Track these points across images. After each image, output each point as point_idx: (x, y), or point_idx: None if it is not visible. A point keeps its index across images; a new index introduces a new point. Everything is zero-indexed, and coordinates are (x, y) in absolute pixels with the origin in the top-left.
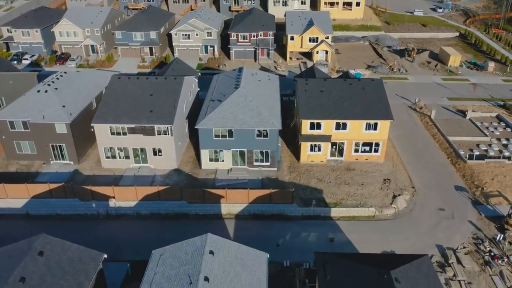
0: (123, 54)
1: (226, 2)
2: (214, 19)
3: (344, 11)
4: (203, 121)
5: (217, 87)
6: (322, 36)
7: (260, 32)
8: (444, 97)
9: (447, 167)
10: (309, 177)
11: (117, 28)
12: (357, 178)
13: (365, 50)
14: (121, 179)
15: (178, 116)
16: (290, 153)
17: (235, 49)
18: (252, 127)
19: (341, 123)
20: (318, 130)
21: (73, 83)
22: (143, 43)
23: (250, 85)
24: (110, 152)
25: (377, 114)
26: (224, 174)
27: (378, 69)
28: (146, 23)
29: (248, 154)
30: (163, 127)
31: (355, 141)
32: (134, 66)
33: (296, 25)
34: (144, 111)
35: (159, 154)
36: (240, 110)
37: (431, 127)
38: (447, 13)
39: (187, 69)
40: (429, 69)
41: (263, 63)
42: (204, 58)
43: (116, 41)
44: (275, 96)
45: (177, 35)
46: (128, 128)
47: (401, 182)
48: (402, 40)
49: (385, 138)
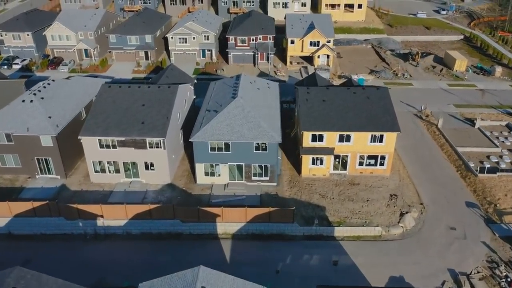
0: (118, 58)
1: (225, 4)
2: (212, 22)
3: (346, 13)
4: (198, 133)
5: (214, 95)
6: (323, 40)
7: (259, 35)
8: (450, 104)
9: (456, 181)
10: (311, 193)
11: (111, 31)
12: (362, 194)
13: (367, 53)
14: (110, 195)
15: (172, 127)
16: (291, 166)
17: (233, 53)
18: (250, 140)
19: (344, 135)
20: (320, 143)
21: (61, 92)
22: (138, 47)
23: (248, 94)
24: (99, 166)
25: (383, 125)
26: (220, 189)
27: (381, 74)
28: (141, 27)
29: (246, 168)
30: (156, 140)
31: (359, 154)
32: (129, 71)
33: (297, 29)
34: (135, 122)
35: (151, 169)
36: (237, 122)
37: (438, 137)
38: (450, 15)
39: (182, 76)
40: (434, 74)
41: (262, 67)
42: (202, 63)
43: (110, 45)
44: (275, 106)
45: (174, 38)
46: (118, 141)
47: (409, 198)
48: (405, 43)
49: (392, 151)
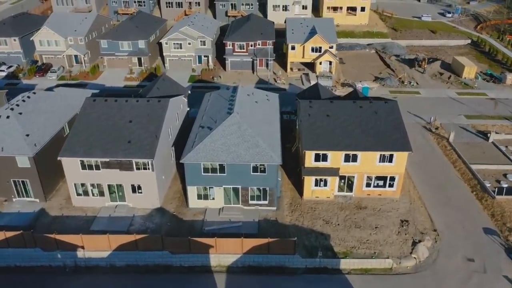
0: (110, 64)
1: (223, 7)
2: (209, 26)
3: (348, 17)
4: (190, 153)
5: (208, 109)
6: (325, 45)
7: (258, 41)
8: (461, 114)
9: (472, 203)
10: (314, 218)
11: (102, 36)
12: (369, 219)
13: (371, 59)
14: (93, 221)
15: (162, 146)
16: (292, 186)
17: (231, 59)
18: (247, 162)
19: (351, 154)
20: (324, 163)
21: (42, 106)
22: (131, 53)
23: (245, 109)
24: (82, 188)
25: (392, 144)
26: (214, 214)
27: (386, 82)
28: (134, 31)
29: (243, 191)
30: (143, 161)
31: (367, 174)
32: (121, 78)
33: (297, 34)
34: (121, 141)
35: (139, 192)
36: (233, 141)
37: (450, 152)
38: (456, 19)
39: (175, 87)
40: (442, 82)
41: (261, 74)
42: (198, 69)
43: (102, 51)
44: (274, 121)
45: (168, 44)
46: (102, 162)
47: (421, 224)
48: (410, 48)
49: (402, 171)
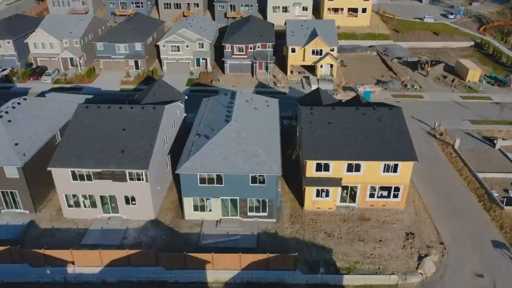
0: (106, 67)
1: (222, 8)
2: (207, 28)
3: (349, 18)
4: (186, 164)
5: (205, 116)
6: (326, 48)
7: (257, 43)
8: (466, 119)
9: (479, 214)
10: (315, 231)
11: (98, 38)
12: (373, 232)
13: (373, 61)
14: (85, 234)
15: (157, 155)
16: (292, 196)
17: (230, 62)
18: (246, 173)
19: (354, 164)
20: (326, 172)
21: (32, 113)
22: (128, 56)
23: (244, 116)
24: (73, 199)
25: (397, 153)
26: (211, 226)
27: (389, 85)
28: (131, 33)
29: (241, 203)
30: (137, 172)
31: (370, 185)
32: (117, 81)
33: (298, 36)
34: (114, 151)
35: (133, 203)
36: (231, 150)
37: (455, 160)
38: (459, 20)
39: (171, 92)
40: (445, 85)
41: (261, 78)
42: (196, 72)
43: (98, 54)
44: (274, 128)
45: (165, 46)
46: (94, 173)
47: (427, 237)
48: (412, 50)
49: (407, 181)
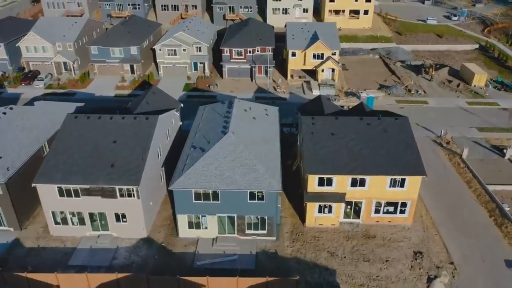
0: (100, 72)
1: (220, 10)
2: (205, 31)
3: (351, 20)
4: (180, 179)
5: (201, 126)
6: (328, 52)
7: (257, 47)
8: (473, 127)
9: (491, 230)
10: (318, 249)
11: (92, 42)
12: (379, 251)
13: (375, 65)
14: (73, 253)
15: (149, 168)
16: (292, 210)
17: (228, 66)
18: (244, 189)
19: (358, 179)
20: (328, 187)
21: (18, 123)
22: (123, 60)
23: (241, 127)
24: (61, 216)
25: (404, 167)
26: (207, 245)
27: (392, 90)
28: (126, 37)
29: (239, 220)
30: (127, 188)
31: (375, 200)
32: (112, 86)
33: (298, 39)
34: (104, 165)
35: (123, 220)
36: (227, 164)
37: (464, 170)
38: (463, 22)
39: (166, 100)
40: (450, 90)
41: (260, 82)
42: (193, 77)
43: (92, 58)
44: (274, 139)
45: (162, 50)
46: (82, 189)
47: (436, 256)
48: (415, 53)
49: (415, 197)
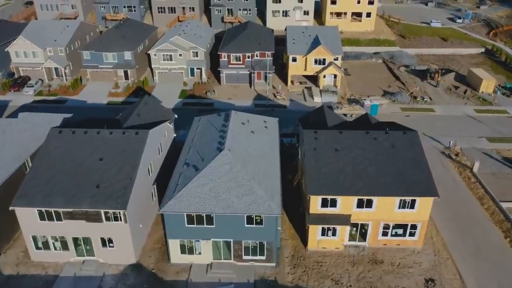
0: (93, 77)
1: (219, 12)
2: (202, 35)
3: (353, 23)
4: (171, 202)
5: (196, 140)
6: (330, 57)
7: (256, 52)
8: (482, 137)
9: (506, 253)
10: (321, 276)
11: (85, 47)
12: (388, 279)
13: (378, 70)
14: (55, 282)
15: (139, 188)
16: (293, 231)
17: (226, 72)
18: (241, 212)
19: (364, 199)
20: (332, 209)
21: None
22: (116, 66)
23: (238, 143)
24: (42, 240)
25: (415, 187)
26: (201, 272)
27: (397, 97)
28: (119, 41)
29: (235, 245)
30: (114, 211)
31: (383, 222)
32: (104, 93)
33: (299, 44)
34: (88, 185)
35: (110, 245)
36: (223, 185)
37: (475, 186)
38: (467, 24)
39: (158, 111)
40: (457, 97)
41: (259, 89)
42: (190, 83)
43: (84, 63)
44: (273, 156)
45: (157, 55)
46: (64, 213)
47: (449, 283)
48: (420, 57)
49: (426, 219)
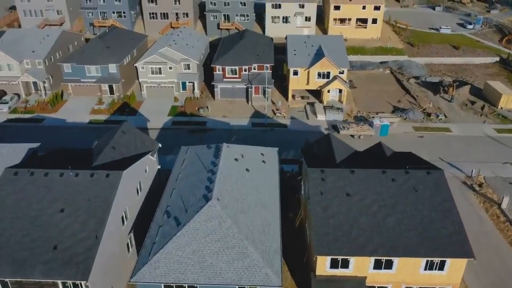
0: (75, 92)
1: (214, 18)
2: (195, 44)
3: (358, 30)
4: (145, 269)
5: (180, 179)
6: (335, 70)
7: (254, 64)
8: (507, 162)
9: None
10: None
11: (65, 59)
12: None
13: (386, 81)
14: None
15: (108, 246)
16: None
17: (221, 86)
18: (231, 283)
19: (383, 260)
20: (344, 270)
21: None
22: (100, 80)
23: (230, 188)
24: None
25: (444, 245)
26: None
27: (409, 115)
28: (104, 53)
29: None
30: (73, 282)
31: (405, 285)
32: (87, 110)
33: (301, 55)
34: (44, 246)
35: None
36: (210, 247)
37: (505, 226)
38: (479, 30)
39: (138, 143)
40: (474, 113)
41: (257, 104)
42: (182, 97)
43: (65, 76)
44: (272, 201)
45: (145, 68)
46: (12, 282)
47: None
48: (430, 67)
49: (458, 282)
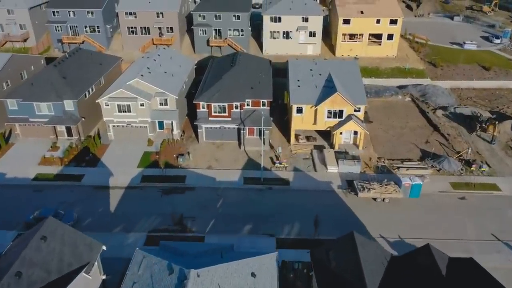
0: (24, 133)
1: (204, 34)
2: (176, 71)
3: (371, 47)
4: None
5: None
6: (349, 108)
7: (247, 100)
8: None
9: None
10: None
11: (8, 94)
12: None
13: (407, 112)
14: None
15: None
16: None
17: (206, 126)
18: None
19: None
20: None
21: None
22: (53, 120)
23: None
24: None
25: None
26: None
27: (444, 165)
28: (58, 86)
29: None
30: None
31: None
32: (36, 158)
33: (306, 87)
34: None
35: None
36: None
37: None
38: (508, 45)
39: (66, 253)
40: None
41: (251, 149)
42: (158, 139)
43: (10, 115)
44: None
45: (110, 105)
46: None
47: None
48: (457, 93)
49: None
